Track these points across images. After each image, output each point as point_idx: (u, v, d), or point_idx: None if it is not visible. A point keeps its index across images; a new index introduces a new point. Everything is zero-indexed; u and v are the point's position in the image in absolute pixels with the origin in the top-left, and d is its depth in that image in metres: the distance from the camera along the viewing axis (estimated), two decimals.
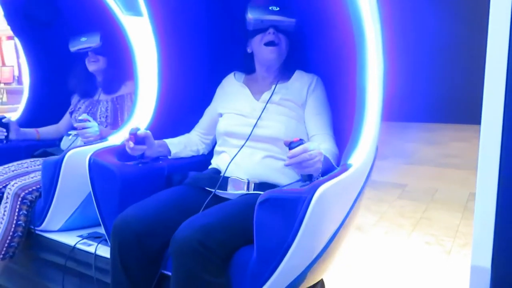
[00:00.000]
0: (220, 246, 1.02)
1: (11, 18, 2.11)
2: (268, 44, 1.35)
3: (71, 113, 2.02)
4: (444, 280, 1.77)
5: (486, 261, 0.81)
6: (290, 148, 1.04)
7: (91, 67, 1.90)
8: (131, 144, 1.29)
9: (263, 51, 1.37)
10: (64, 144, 1.92)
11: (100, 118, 1.87)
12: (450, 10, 6.98)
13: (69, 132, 1.91)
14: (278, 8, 1.34)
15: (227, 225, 1.06)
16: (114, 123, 1.85)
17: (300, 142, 1.04)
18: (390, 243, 2.17)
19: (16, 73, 9.84)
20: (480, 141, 0.82)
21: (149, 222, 1.13)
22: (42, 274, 1.64)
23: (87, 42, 1.85)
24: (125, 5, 1.67)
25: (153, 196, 1.25)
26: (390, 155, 4.17)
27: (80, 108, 1.98)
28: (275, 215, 0.96)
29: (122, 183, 1.28)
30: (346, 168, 1.05)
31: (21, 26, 2.13)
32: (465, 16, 6.74)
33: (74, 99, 2.05)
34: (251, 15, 1.34)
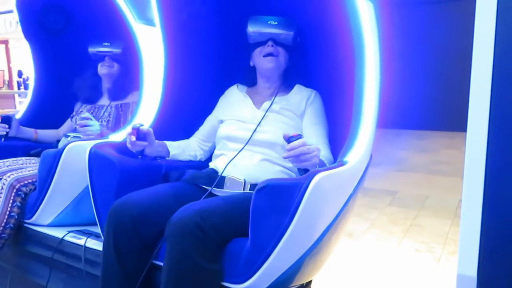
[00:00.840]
0: (216, 231, 1.03)
1: (25, 24, 2.17)
2: (267, 55, 1.43)
3: (71, 117, 2.04)
4: (434, 287, 1.77)
5: (472, 270, 0.81)
6: (288, 142, 1.08)
7: (104, 70, 1.93)
8: (133, 138, 1.32)
9: (262, 62, 1.45)
10: (61, 145, 1.92)
11: (101, 122, 1.88)
12: (441, 19, 7.09)
13: (68, 134, 1.92)
14: (276, 22, 1.44)
15: (223, 213, 1.08)
16: (115, 128, 1.86)
17: (299, 136, 1.08)
18: (380, 250, 2.17)
19: (7, 78, 9.74)
20: (466, 150, 0.83)
21: (146, 209, 1.14)
22: (28, 268, 1.62)
23: (110, 47, 1.91)
24: (138, 13, 1.75)
25: (151, 187, 1.27)
26: (382, 162, 4.19)
27: (82, 112, 1.99)
28: (272, 202, 0.98)
29: (121, 174, 1.29)
30: (342, 163, 1.09)
31: (34, 32, 2.19)
32: (457, 25, 6.84)
33: (77, 106, 2.07)
34: (251, 28, 1.45)
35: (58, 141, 2.00)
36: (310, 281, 1.24)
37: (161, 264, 1.10)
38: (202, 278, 1.01)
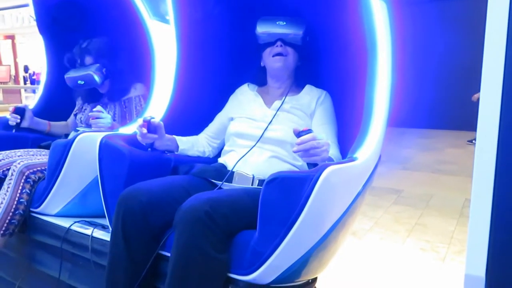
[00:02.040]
0: (225, 220, 1.04)
1: (40, 18, 2.19)
2: (275, 55, 1.45)
3: (75, 115, 2.04)
4: (438, 287, 1.76)
5: (480, 270, 0.81)
6: (298, 136, 1.09)
7: (99, 90, 1.92)
8: (144, 130, 1.33)
9: (271, 62, 1.47)
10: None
11: None
12: (447, 19, 7.04)
13: (77, 128, 1.91)
14: (284, 23, 1.45)
15: (233, 204, 1.09)
16: (122, 124, 1.85)
17: (309, 131, 1.09)
18: (385, 249, 2.17)
19: (13, 73, 9.80)
20: (475, 148, 0.82)
21: (156, 197, 1.15)
22: (35, 257, 1.64)
23: (86, 85, 1.83)
24: (153, 10, 1.78)
25: (161, 178, 1.29)
26: (387, 160, 4.18)
27: (85, 109, 1.99)
28: (281, 194, 0.98)
29: (131, 165, 1.30)
30: (352, 159, 1.09)
31: (48, 27, 2.20)
32: (463, 24, 6.79)
33: (79, 100, 2.07)
34: (260, 29, 1.47)
35: (67, 135, 2.01)
36: (315, 278, 1.24)
37: (168, 254, 1.11)
38: (209, 267, 1.02)
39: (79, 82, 1.83)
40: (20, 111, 1.96)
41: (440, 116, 7.27)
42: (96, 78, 1.81)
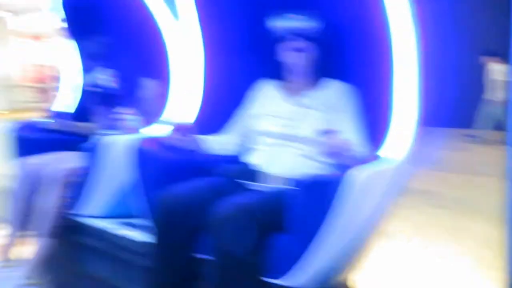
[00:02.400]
0: (256, 225, 1.05)
1: (66, 21, 2.22)
2: (291, 50, 1.42)
3: (96, 118, 2.04)
4: None
5: None
6: (323, 137, 1.09)
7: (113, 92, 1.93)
8: (178, 135, 1.38)
9: (287, 57, 1.44)
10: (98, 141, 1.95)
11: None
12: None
13: (104, 131, 1.89)
14: (300, 16, 1.41)
15: (263, 207, 1.11)
16: (144, 126, 1.87)
17: (333, 131, 1.09)
18: (416, 252, 2.12)
19: (43, 73, 10.06)
20: (507, 149, 0.80)
21: (189, 202, 1.18)
22: (77, 260, 1.68)
23: (102, 91, 1.85)
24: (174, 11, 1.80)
25: (193, 181, 1.32)
26: (420, 161, 4.07)
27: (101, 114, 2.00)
28: (310, 197, 0.99)
29: (164, 168, 1.36)
30: (382, 161, 1.10)
31: (76, 31, 2.22)
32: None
33: (94, 105, 2.09)
34: (275, 24, 1.43)
35: (93, 134, 2.04)
36: (347, 279, 1.24)
37: (204, 257, 1.14)
38: (242, 272, 1.03)
39: (95, 89, 1.86)
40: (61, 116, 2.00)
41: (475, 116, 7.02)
42: (112, 84, 1.84)
